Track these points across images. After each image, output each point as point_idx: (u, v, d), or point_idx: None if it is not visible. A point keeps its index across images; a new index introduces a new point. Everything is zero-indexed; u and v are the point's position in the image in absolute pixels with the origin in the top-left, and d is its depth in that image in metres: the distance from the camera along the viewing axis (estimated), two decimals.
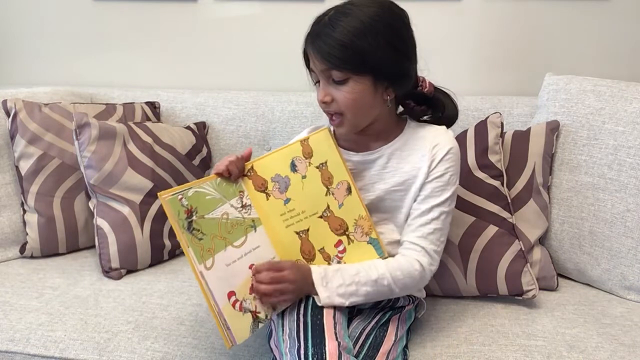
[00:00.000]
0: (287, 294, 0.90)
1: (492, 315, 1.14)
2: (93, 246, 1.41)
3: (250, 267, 0.93)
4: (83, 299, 1.19)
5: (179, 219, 0.88)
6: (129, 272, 1.34)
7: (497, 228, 1.21)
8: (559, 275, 1.29)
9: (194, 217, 0.90)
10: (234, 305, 0.88)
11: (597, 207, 1.24)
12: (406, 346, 1.01)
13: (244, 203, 0.97)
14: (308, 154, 1.01)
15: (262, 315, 0.91)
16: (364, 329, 0.96)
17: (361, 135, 1.02)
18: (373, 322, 0.98)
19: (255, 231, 0.96)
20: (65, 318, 1.12)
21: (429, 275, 0.99)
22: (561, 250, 1.30)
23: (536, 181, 1.28)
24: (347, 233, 1.00)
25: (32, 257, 1.41)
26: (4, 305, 1.16)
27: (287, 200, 0.99)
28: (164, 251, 1.39)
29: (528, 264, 1.20)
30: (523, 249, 1.21)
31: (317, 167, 1.00)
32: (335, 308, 0.91)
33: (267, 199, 0.98)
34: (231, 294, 0.89)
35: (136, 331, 1.08)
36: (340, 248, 1.00)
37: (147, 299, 1.20)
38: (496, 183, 1.24)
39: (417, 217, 0.99)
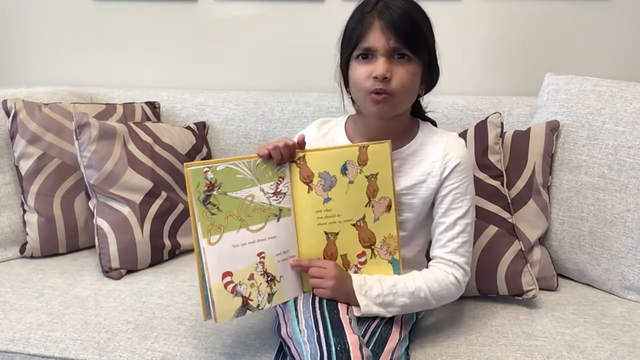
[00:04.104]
0: (324, 288, 0.93)
1: (492, 315, 1.14)
2: (93, 246, 1.41)
3: (259, 255, 0.93)
4: (83, 299, 1.19)
5: (196, 191, 0.88)
6: (129, 272, 1.34)
7: (497, 228, 1.21)
8: (559, 275, 1.29)
9: (214, 192, 0.89)
10: (226, 286, 0.88)
11: (597, 207, 1.24)
12: (408, 347, 1.01)
13: (278, 190, 0.96)
14: (363, 162, 0.99)
15: (253, 304, 0.91)
16: (369, 326, 0.96)
17: (381, 134, 1.01)
18: (377, 319, 0.98)
19: (278, 221, 0.95)
20: (65, 318, 1.12)
21: (464, 286, 1.01)
22: (561, 250, 1.30)
23: (536, 181, 1.28)
24: (372, 247, 1.00)
25: (32, 257, 1.41)
26: (4, 305, 1.16)
27: (327, 200, 0.98)
28: (164, 251, 1.39)
29: (528, 264, 1.20)
30: (523, 249, 1.21)
31: (367, 177, 0.99)
32: (348, 305, 0.93)
33: (308, 192, 0.98)
34: (227, 274, 0.88)
35: (136, 331, 1.08)
36: (362, 259, 1.00)
37: (147, 299, 1.20)
38: (496, 183, 1.24)
39: (444, 232, 1.01)
